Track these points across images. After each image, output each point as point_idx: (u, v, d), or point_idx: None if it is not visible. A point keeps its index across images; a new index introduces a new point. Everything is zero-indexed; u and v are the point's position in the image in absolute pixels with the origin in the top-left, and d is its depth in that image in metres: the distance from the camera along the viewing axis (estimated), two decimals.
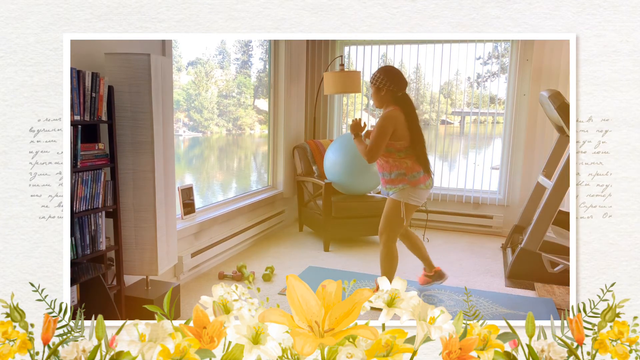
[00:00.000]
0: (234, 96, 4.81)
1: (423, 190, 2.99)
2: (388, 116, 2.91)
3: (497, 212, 4.86)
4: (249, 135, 5.09)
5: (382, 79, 2.92)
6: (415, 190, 2.97)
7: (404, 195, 2.98)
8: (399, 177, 2.97)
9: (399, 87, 2.93)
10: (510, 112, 4.72)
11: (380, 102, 2.97)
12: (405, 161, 2.95)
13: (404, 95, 2.96)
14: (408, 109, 2.94)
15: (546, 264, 3.56)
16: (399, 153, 2.94)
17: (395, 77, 2.93)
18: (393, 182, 3.00)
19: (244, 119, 4.92)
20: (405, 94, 2.96)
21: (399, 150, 2.94)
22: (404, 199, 2.98)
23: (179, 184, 3.53)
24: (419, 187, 2.97)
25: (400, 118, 2.90)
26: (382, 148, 2.91)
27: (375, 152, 2.91)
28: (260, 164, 5.18)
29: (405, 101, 2.95)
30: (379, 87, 2.93)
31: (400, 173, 2.96)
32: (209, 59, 4.47)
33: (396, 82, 2.92)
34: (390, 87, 2.91)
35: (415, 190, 2.97)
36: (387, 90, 2.92)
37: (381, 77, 2.92)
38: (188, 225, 3.51)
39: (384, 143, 2.90)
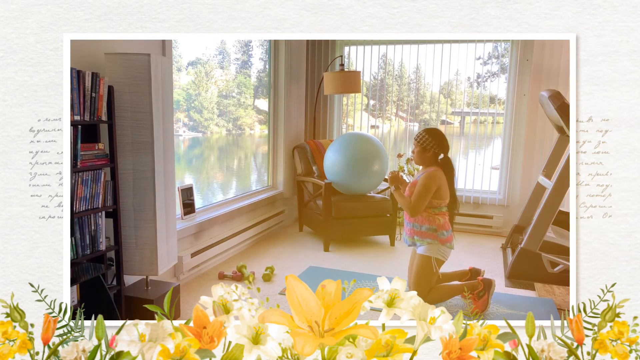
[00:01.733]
0: (234, 96, 4.81)
1: (448, 249, 3.08)
2: (433, 176, 3.02)
3: (497, 212, 4.86)
4: (249, 135, 5.09)
5: (430, 141, 3.05)
6: (443, 248, 3.06)
7: (433, 251, 3.05)
8: (429, 231, 3.05)
9: (443, 150, 3.07)
10: (510, 112, 4.72)
11: (423, 161, 3.10)
12: (439, 218, 3.05)
13: (446, 158, 3.09)
14: (450, 171, 3.08)
15: (546, 264, 3.56)
16: (434, 209, 3.05)
17: (441, 140, 3.06)
18: (422, 235, 3.07)
19: (244, 119, 4.92)
20: (447, 157, 3.09)
21: (435, 207, 3.05)
22: (434, 254, 3.05)
23: (179, 184, 3.53)
24: (446, 245, 3.06)
25: (443, 179, 3.04)
26: (425, 204, 3.02)
27: (420, 208, 3.02)
28: (260, 164, 5.18)
29: (447, 164, 3.08)
30: (426, 148, 3.05)
31: (432, 228, 3.04)
32: (209, 59, 4.47)
33: (441, 145, 3.06)
34: (435, 150, 3.05)
35: (443, 247, 3.06)
36: (432, 152, 3.05)
37: (429, 139, 3.05)
38: (188, 225, 3.51)
39: (428, 200, 3.01)
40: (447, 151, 3.09)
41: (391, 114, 5.50)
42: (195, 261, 3.51)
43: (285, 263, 3.89)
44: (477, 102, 5.06)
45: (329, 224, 4.23)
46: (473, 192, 4.95)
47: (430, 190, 3.00)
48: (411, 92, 5.43)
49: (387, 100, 5.43)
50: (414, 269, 3.10)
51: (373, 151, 4.35)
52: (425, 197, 3.00)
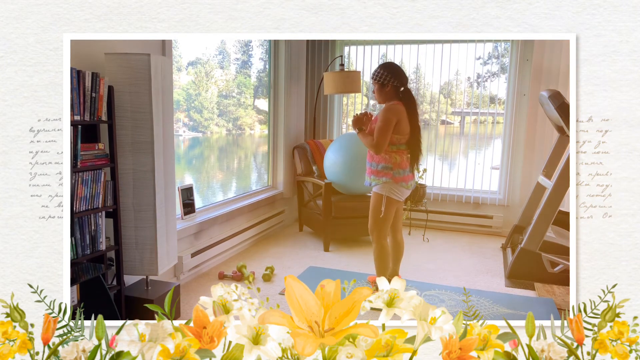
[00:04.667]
0: (234, 96, 4.81)
1: (405, 188, 3.03)
2: (392, 109, 2.94)
3: (497, 212, 4.86)
4: (249, 135, 5.09)
5: (385, 75, 2.96)
6: (397, 187, 3.00)
7: (385, 189, 3.00)
8: (384, 170, 2.99)
9: (401, 82, 2.97)
10: (510, 112, 4.72)
11: (384, 98, 3.00)
12: (395, 156, 2.98)
13: (407, 91, 3.00)
14: (411, 104, 2.98)
15: (546, 264, 3.56)
16: (392, 147, 2.97)
17: (398, 72, 2.97)
18: (378, 174, 3.02)
19: (244, 119, 4.92)
20: (407, 90, 3.00)
21: (393, 144, 2.97)
22: (386, 192, 3.00)
23: (179, 184, 3.53)
24: (401, 184, 3.00)
25: (403, 112, 2.95)
26: (388, 139, 2.94)
27: (383, 143, 2.94)
28: (260, 164, 5.17)
29: (408, 97, 2.99)
30: (383, 83, 2.96)
31: (387, 167, 2.99)
32: (209, 59, 4.47)
33: (399, 78, 2.96)
34: (394, 83, 2.95)
35: (397, 186, 3.00)
36: (391, 86, 2.96)
37: (385, 72, 2.96)
38: (188, 225, 3.51)
39: (389, 134, 2.93)
40: (406, 83, 2.99)
41: None
42: (195, 261, 3.51)
43: (285, 263, 3.89)
44: (477, 102, 5.06)
45: (329, 224, 4.23)
46: (473, 192, 4.95)
47: (390, 123, 2.91)
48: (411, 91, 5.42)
49: None
50: (370, 207, 3.09)
51: None
52: (386, 131, 2.92)
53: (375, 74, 2.99)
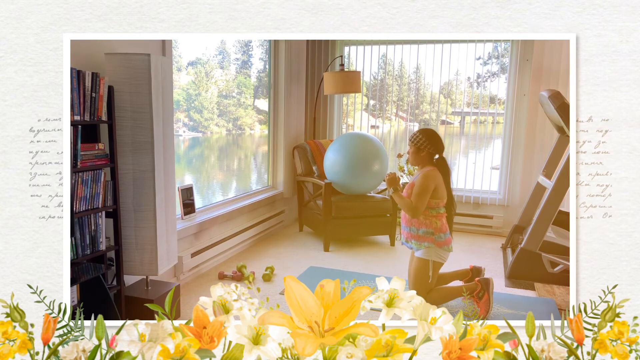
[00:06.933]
0: (234, 96, 4.81)
1: (446, 251, 3.07)
2: (430, 175, 3.01)
3: (497, 212, 4.86)
4: (249, 135, 5.09)
5: (423, 141, 3.04)
6: (440, 250, 3.05)
7: (431, 254, 3.03)
8: (425, 234, 3.04)
9: (437, 150, 3.06)
10: (510, 112, 4.72)
11: (418, 162, 3.09)
12: (435, 221, 3.03)
13: (442, 158, 3.09)
14: (446, 171, 3.07)
15: (546, 264, 3.56)
16: (431, 211, 3.03)
17: (435, 140, 3.06)
18: (419, 239, 3.05)
19: (244, 119, 4.92)
20: (442, 157, 3.09)
21: (432, 208, 3.03)
22: (431, 257, 3.03)
23: (179, 184, 3.53)
24: (443, 248, 3.05)
25: (440, 178, 3.03)
26: (426, 204, 3.00)
27: (421, 208, 2.99)
28: (260, 164, 5.18)
29: (443, 164, 3.08)
30: (420, 148, 3.05)
31: (428, 232, 3.03)
32: (209, 59, 4.47)
33: (436, 145, 3.05)
34: (430, 150, 3.04)
35: (440, 250, 3.04)
36: (427, 152, 3.05)
37: (423, 138, 3.04)
38: (188, 225, 3.51)
39: (427, 199, 3.00)
40: (442, 151, 3.08)
41: (391, 114, 5.50)
42: (195, 261, 3.51)
43: (285, 263, 3.89)
44: (477, 102, 5.06)
45: (329, 224, 4.23)
46: (473, 192, 4.95)
47: (429, 190, 2.99)
48: (411, 92, 5.43)
49: (387, 100, 5.43)
50: (412, 272, 3.10)
51: (373, 151, 4.35)
52: (424, 196, 2.99)
53: (414, 137, 3.07)
